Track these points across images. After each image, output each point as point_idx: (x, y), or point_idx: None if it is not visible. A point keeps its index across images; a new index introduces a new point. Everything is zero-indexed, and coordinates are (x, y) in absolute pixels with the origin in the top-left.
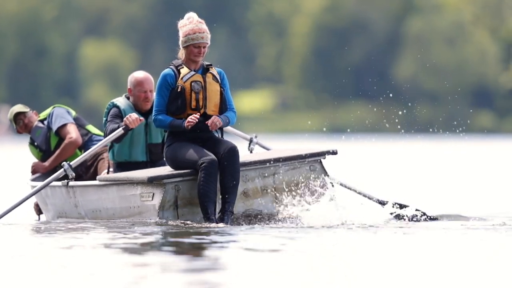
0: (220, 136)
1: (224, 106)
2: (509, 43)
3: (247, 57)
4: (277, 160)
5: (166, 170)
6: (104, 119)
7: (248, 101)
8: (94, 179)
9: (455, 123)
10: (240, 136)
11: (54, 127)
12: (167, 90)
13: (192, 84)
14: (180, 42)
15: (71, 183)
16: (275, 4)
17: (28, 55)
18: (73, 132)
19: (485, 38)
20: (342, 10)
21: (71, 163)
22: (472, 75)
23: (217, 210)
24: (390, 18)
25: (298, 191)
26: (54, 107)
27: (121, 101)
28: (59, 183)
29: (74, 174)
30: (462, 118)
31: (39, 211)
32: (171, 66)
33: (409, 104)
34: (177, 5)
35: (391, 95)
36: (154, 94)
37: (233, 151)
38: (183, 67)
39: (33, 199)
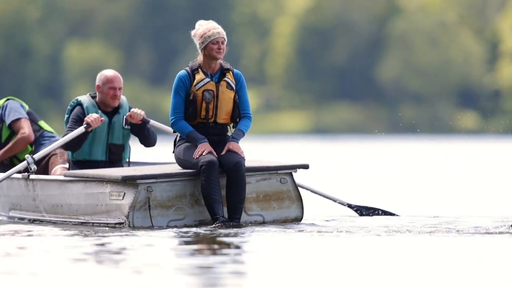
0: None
1: (236, 113)
2: (494, 44)
3: (231, 58)
4: (248, 170)
5: (135, 170)
6: (67, 116)
7: None
8: (45, 173)
9: (436, 123)
10: None
11: (8, 120)
12: (184, 91)
13: (204, 93)
14: (198, 47)
15: (32, 176)
16: (259, 4)
17: (12, 56)
18: (26, 128)
19: (469, 38)
20: (326, 10)
21: (34, 156)
22: (457, 76)
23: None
24: (374, 19)
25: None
26: (7, 99)
27: (85, 99)
28: (19, 175)
29: (35, 168)
30: (446, 119)
31: None
32: (187, 69)
33: (393, 105)
34: (161, 6)
35: (376, 96)
36: (120, 93)
37: (240, 166)
38: (198, 72)
39: None
